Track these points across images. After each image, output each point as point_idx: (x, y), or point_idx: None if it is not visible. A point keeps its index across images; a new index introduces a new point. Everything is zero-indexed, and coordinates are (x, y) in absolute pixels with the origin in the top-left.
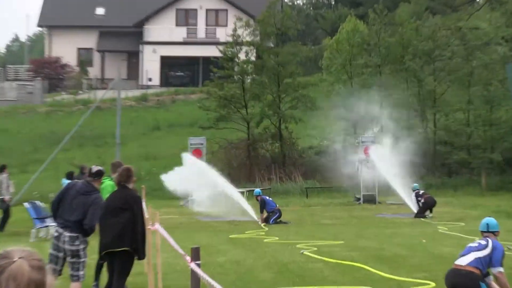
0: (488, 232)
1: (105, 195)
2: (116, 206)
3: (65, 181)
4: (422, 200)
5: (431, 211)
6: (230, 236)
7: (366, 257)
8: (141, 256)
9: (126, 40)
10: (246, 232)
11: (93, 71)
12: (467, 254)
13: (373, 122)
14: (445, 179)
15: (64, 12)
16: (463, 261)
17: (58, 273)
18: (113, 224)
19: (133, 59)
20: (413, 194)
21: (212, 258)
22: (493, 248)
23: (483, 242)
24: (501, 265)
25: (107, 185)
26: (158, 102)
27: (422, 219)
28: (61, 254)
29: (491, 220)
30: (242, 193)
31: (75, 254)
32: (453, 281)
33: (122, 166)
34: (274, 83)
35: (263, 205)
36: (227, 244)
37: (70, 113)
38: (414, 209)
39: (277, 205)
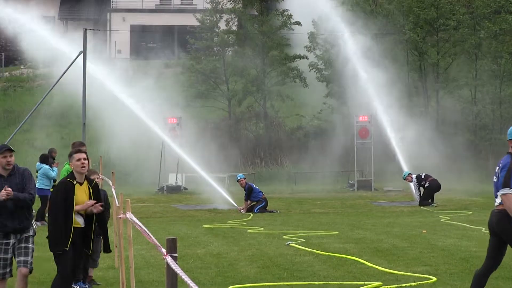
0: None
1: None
2: None
3: (40, 165)
4: (426, 184)
5: (433, 199)
6: (211, 226)
7: (362, 250)
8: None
9: (91, 7)
10: (228, 221)
11: None
12: (495, 192)
13: (369, 100)
14: (449, 163)
15: None
16: (496, 201)
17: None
18: None
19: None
20: (414, 179)
21: (191, 250)
22: (501, 168)
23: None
24: (508, 186)
25: (64, 170)
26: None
27: (423, 207)
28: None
29: None
30: (223, 178)
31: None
32: (490, 224)
33: (82, 147)
34: (258, 55)
35: (249, 193)
36: (207, 235)
37: (30, 89)
38: (416, 196)
39: (264, 194)
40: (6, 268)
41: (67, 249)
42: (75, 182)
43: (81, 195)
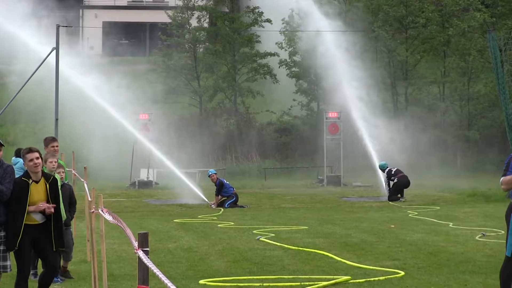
0: None
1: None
2: None
3: (16, 160)
4: (395, 180)
5: (402, 195)
6: (182, 220)
7: (331, 244)
8: None
9: (64, 3)
10: (199, 216)
11: None
12: None
13: (339, 96)
14: (418, 159)
15: None
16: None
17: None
18: None
19: (72, 25)
20: (385, 173)
21: (162, 244)
22: None
23: None
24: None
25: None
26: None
27: (391, 202)
28: None
29: None
30: (194, 174)
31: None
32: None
33: (53, 142)
34: (229, 52)
35: (220, 188)
36: (178, 229)
37: (2, 85)
38: (386, 191)
39: (234, 189)
40: None
41: (17, 247)
42: (30, 181)
43: (37, 194)
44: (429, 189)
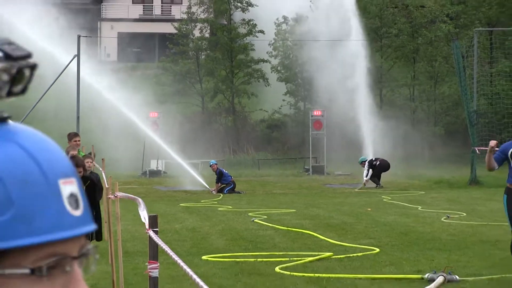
0: None
1: None
2: None
3: None
4: (378, 162)
5: (379, 179)
6: (187, 204)
7: (316, 225)
8: None
9: (84, 16)
10: (202, 201)
11: None
12: None
13: (324, 97)
14: (392, 151)
15: None
16: None
17: None
18: None
19: (91, 35)
20: (366, 163)
21: (170, 225)
22: None
23: None
24: None
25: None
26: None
27: (368, 182)
28: None
29: None
30: (197, 164)
31: None
32: None
33: (76, 137)
34: (227, 59)
35: (220, 176)
36: (183, 212)
37: (30, 88)
38: (364, 179)
39: (232, 178)
40: None
41: None
42: None
43: None
44: (401, 177)
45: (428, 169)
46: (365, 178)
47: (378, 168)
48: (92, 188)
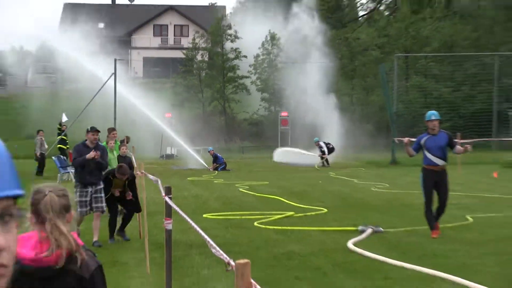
0: None
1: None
2: None
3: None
4: (331, 146)
5: (328, 162)
6: (192, 179)
7: (283, 193)
8: None
9: (119, 45)
10: (203, 176)
11: None
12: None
13: (290, 102)
14: (337, 141)
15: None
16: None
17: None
18: None
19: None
20: (322, 144)
21: (180, 193)
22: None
23: None
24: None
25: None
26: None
27: (320, 164)
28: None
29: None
30: (199, 150)
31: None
32: None
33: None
34: (220, 76)
35: (215, 159)
36: (190, 184)
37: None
38: (319, 159)
39: (224, 159)
40: (87, 207)
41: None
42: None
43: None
44: (343, 159)
45: (362, 154)
46: (325, 155)
47: (329, 150)
48: (131, 167)
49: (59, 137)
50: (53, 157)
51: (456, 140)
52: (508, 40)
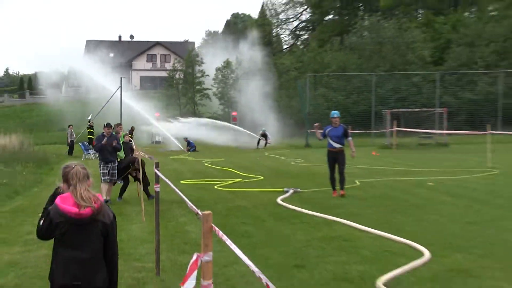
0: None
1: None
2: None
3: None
4: (269, 136)
5: (265, 144)
6: (173, 157)
7: (234, 166)
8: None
9: (122, 68)
10: (180, 155)
11: None
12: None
13: (240, 104)
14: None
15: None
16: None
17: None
18: None
19: (126, 77)
20: (265, 132)
21: (165, 167)
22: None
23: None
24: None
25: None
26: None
27: (258, 148)
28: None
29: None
30: (179, 138)
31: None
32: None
33: (119, 125)
34: (192, 88)
35: (188, 144)
36: (171, 161)
37: (86, 105)
38: (263, 144)
39: (194, 144)
40: (107, 176)
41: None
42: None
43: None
44: (275, 144)
45: (287, 140)
46: (269, 141)
47: (267, 140)
48: (132, 150)
49: (89, 130)
50: (79, 143)
51: (349, 131)
52: (381, 64)
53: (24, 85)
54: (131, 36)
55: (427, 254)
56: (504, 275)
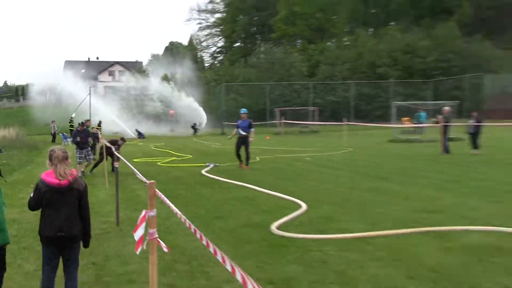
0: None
1: None
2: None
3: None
4: (198, 128)
5: (195, 132)
6: (127, 143)
7: (172, 148)
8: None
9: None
10: (133, 142)
11: None
12: None
13: (174, 106)
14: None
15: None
16: None
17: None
18: None
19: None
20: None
21: (122, 150)
22: None
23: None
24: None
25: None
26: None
27: (191, 134)
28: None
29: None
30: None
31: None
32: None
33: (89, 121)
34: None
35: (140, 133)
36: (126, 146)
37: (66, 109)
38: (191, 132)
39: (144, 134)
40: (83, 159)
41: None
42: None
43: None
44: (203, 133)
45: (211, 129)
46: (198, 130)
47: (195, 130)
48: (98, 138)
49: (70, 123)
50: (60, 134)
51: (252, 123)
52: (272, 77)
53: (19, 92)
54: (97, 57)
55: (304, 206)
56: (353, 218)
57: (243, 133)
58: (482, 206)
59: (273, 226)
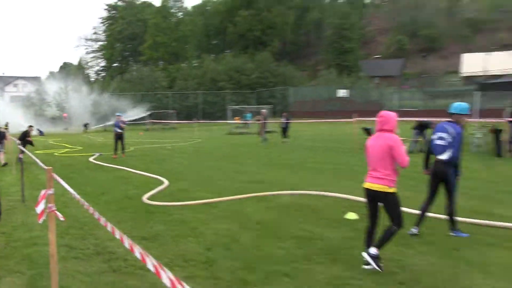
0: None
1: None
2: None
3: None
4: (89, 126)
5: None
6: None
7: (66, 142)
8: None
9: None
10: (36, 138)
11: None
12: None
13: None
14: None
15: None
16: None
17: None
18: None
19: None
20: (87, 124)
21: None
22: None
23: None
24: None
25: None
26: None
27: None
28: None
29: None
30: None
31: None
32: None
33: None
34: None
35: (40, 132)
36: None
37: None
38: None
39: (44, 132)
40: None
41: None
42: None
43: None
44: (90, 130)
45: (95, 128)
46: (89, 128)
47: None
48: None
49: None
50: None
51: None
52: (141, 89)
53: None
54: (3, 73)
55: (166, 182)
56: (202, 189)
57: (119, 130)
58: (289, 177)
59: (144, 198)
